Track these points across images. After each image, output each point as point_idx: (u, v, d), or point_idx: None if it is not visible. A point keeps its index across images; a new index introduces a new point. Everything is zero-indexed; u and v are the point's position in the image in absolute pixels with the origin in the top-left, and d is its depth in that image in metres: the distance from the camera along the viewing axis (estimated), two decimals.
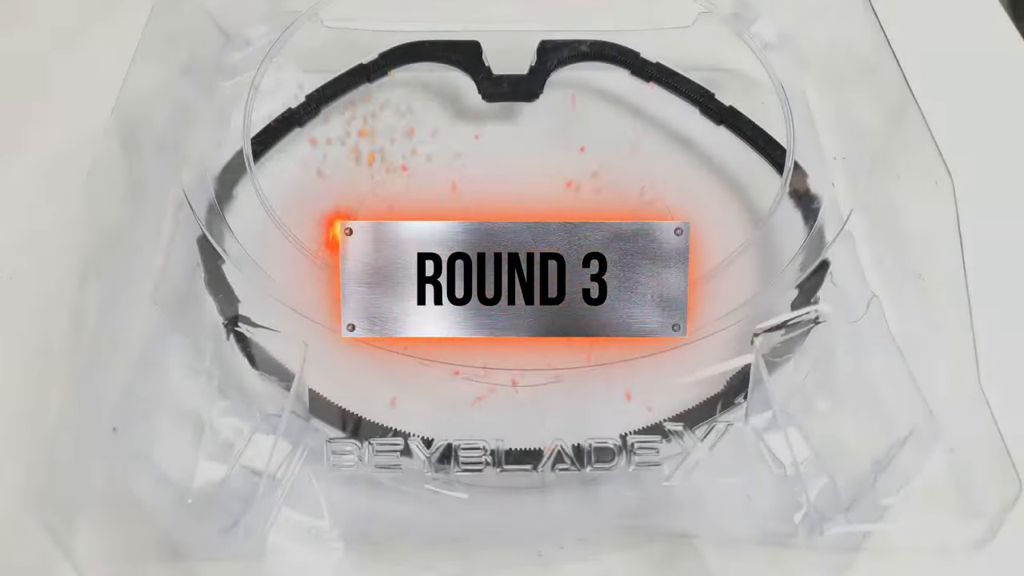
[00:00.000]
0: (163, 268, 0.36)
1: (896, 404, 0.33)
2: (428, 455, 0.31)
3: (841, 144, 0.41)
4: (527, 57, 0.45)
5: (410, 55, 0.45)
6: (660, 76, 0.45)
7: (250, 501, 0.30)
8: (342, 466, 0.31)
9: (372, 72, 0.45)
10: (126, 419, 0.31)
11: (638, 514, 0.32)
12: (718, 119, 0.45)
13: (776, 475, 0.31)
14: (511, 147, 0.46)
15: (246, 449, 0.32)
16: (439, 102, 0.47)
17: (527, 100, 0.45)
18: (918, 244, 0.36)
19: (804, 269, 0.36)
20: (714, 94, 0.45)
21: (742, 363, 0.34)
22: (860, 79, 0.41)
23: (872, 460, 0.31)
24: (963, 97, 0.49)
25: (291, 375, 0.33)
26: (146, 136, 0.38)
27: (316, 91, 0.45)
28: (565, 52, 0.45)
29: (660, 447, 0.31)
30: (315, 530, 0.31)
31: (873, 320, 0.34)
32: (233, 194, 0.40)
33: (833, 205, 0.38)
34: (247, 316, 0.34)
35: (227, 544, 0.30)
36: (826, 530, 0.30)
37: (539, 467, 0.31)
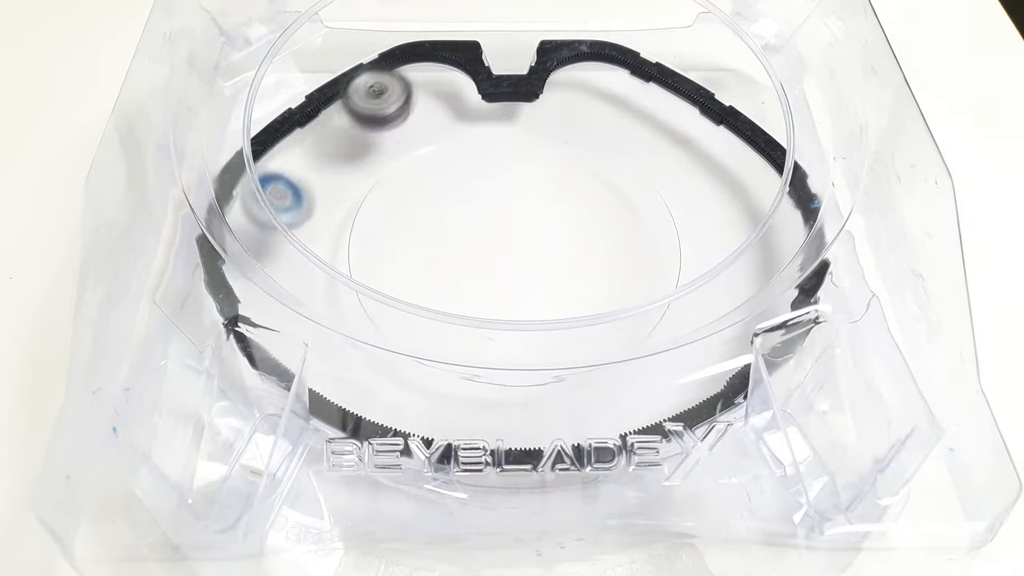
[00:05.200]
0: (163, 268, 0.36)
1: (896, 404, 0.32)
2: (428, 455, 0.31)
3: (841, 144, 0.41)
4: (527, 57, 0.45)
5: (410, 55, 0.45)
6: (660, 76, 0.45)
7: (250, 501, 0.30)
8: (342, 466, 0.31)
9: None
10: (126, 419, 0.31)
11: (638, 514, 0.32)
12: (718, 119, 0.45)
13: (776, 475, 0.31)
14: (511, 147, 0.46)
15: (246, 449, 0.32)
16: (439, 102, 0.47)
17: (527, 100, 0.45)
18: (918, 244, 0.36)
19: (804, 269, 0.36)
20: (714, 94, 0.45)
21: (742, 363, 0.34)
22: (860, 79, 0.41)
23: (872, 460, 0.31)
24: (963, 97, 0.49)
25: (291, 375, 0.33)
26: (146, 136, 0.38)
27: (316, 91, 0.45)
28: (565, 52, 0.45)
29: (660, 447, 0.31)
30: (315, 530, 0.31)
31: (873, 320, 0.34)
32: (233, 194, 0.40)
33: (833, 205, 0.38)
34: (247, 316, 0.34)
35: (227, 544, 0.30)
36: (826, 530, 0.30)
37: (539, 467, 0.31)
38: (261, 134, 0.43)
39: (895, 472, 0.31)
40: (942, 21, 0.55)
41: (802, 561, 0.31)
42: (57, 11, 0.54)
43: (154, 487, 0.30)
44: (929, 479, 0.31)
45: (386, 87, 0.43)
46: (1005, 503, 0.29)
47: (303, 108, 0.44)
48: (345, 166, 0.45)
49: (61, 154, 0.46)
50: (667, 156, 0.45)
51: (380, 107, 0.43)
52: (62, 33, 0.53)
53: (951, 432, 0.31)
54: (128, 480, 0.30)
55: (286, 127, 0.44)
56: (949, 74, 0.51)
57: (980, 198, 0.42)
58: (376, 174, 0.44)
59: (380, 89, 0.43)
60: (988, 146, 0.47)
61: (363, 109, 0.43)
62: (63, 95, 0.50)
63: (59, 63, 0.51)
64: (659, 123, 0.47)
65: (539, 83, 0.44)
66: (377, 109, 0.43)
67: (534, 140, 0.46)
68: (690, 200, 0.43)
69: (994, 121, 0.49)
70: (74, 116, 0.47)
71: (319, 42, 0.45)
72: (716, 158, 0.45)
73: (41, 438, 0.30)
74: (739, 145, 0.44)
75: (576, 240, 0.42)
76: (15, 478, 0.35)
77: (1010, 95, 0.51)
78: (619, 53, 0.45)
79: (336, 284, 0.38)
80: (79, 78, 0.50)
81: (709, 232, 0.42)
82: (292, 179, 0.43)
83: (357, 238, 0.41)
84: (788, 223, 0.39)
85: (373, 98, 0.43)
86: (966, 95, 0.50)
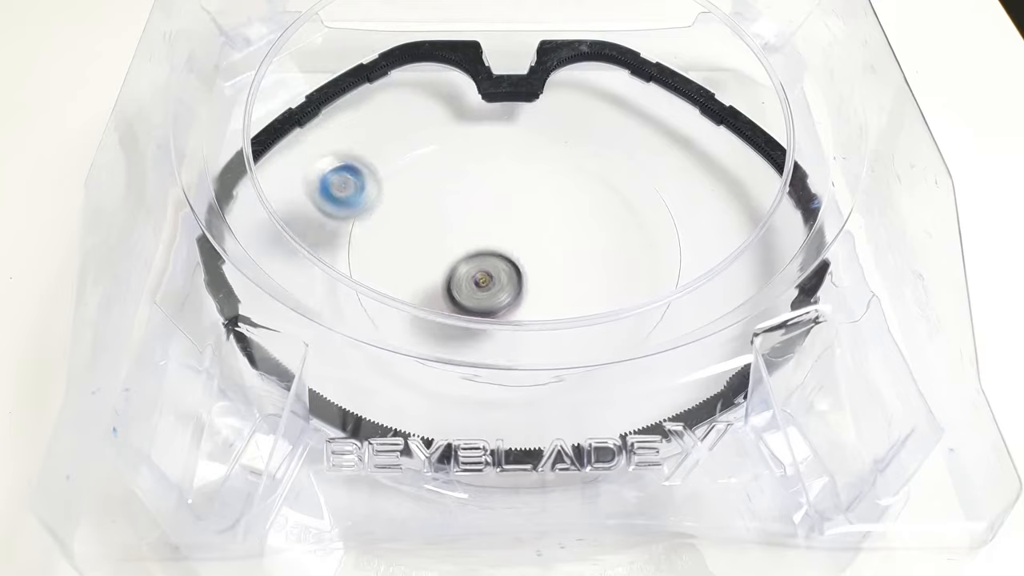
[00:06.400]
0: (163, 268, 0.36)
1: (896, 404, 0.32)
2: (428, 455, 0.31)
3: (841, 144, 0.41)
4: (527, 57, 0.45)
5: (410, 55, 0.45)
6: (660, 76, 0.45)
7: (250, 501, 0.30)
8: (342, 466, 0.31)
9: (372, 72, 0.45)
10: (126, 419, 0.31)
11: (638, 514, 0.32)
12: (718, 119, 0.45)
13: (776, 475, 0.31)
14: (511, 147, 0.46)
15: (246, 449, 0.32)
16: (439, 102, 0.47)
17: (527, 100, 0.45)
18: (918, 244, 0.36)
19: (804, 269, 0.36)
20: (714, 94, 0.45)
21: (742, 363, 0.34)
22: (860, 79, 0.41)
23: (872, 460, 0.31)
24: (963, 97, 0.49)
25: (291, 375, 0.33)
26: (146, 136, 0.38)
27: (316, 91, 0.45)
28: (565, 52, 0.45)
29: (660, 447, 0.31)
30: (315, 530, 0.31)
31: (873, 320, 0.34)
32: (233, 194, 0.40)
33: (833, 205, 0.38)
34: (247, 316, 0.34)
35: (227, 544, 0.30)
36: (826, 530, 0.30)
37: (539, 467, 0.31)
38: (261, 134, 0.43)
39: (895, 472, 0.31)
40: (942, 21, 0.55)
41: (802, 561, 0.31)
42: (57, 11, 0.54)
43: (154, 487, 0.30)
44: (929, 479, 0.31)
45: (489, 273, 0.37)
46: (1005, 503, 0.29)
47: (303, 108, 0.44)
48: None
49: (61, 154, 0.46)
50: (667, 156, 0.45)
51: (490, 300, 0.37)
52: (62, 33, 0.53)
53: (951, 432, 0.31)
54: (128, 480, 0.30)
55: (286, 127, 0.44)
56: (949, 74, 0.51)
57: (980, 198, 0.42)
58: (376, 174, 0.44)
59: (484, 278, 0.37)
60: (988, 146, 0.47)
61: (472, 306, 0.37)
62: (63, 95, 0.50)
63: (59, 63, 0.51)
64: (659, 123, 0.47)
65: (539, 83, 0.44)
66: (488, 304, 0.37)
67: (534, 140, 0.46)
68: (690, 200, 0.43)
69: (994, 121, 0.49)
70: (74, 116, 0.47)
71: (319, 42, 0.45)
72: (716, 158, 0.45)
73: (41, 438, 0.30)
74: (739, 145, 0.44)
75: (576, 240, 0.42)
76: (15, 478, 0.35)
77: (1010, 95, 0.51)
78: (619, 53, 0.45)
79: (336, 284, 0.38)
80: (79, 78, 0.50)
81: (709, 232, 0.42)
82: (356, 166, 0.40)
83: (357, 238, 0.41)
84: (788, 223, 0.39)
85: (480, 290, 0.37)
86: (966, 95, 0.50)
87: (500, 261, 0.38)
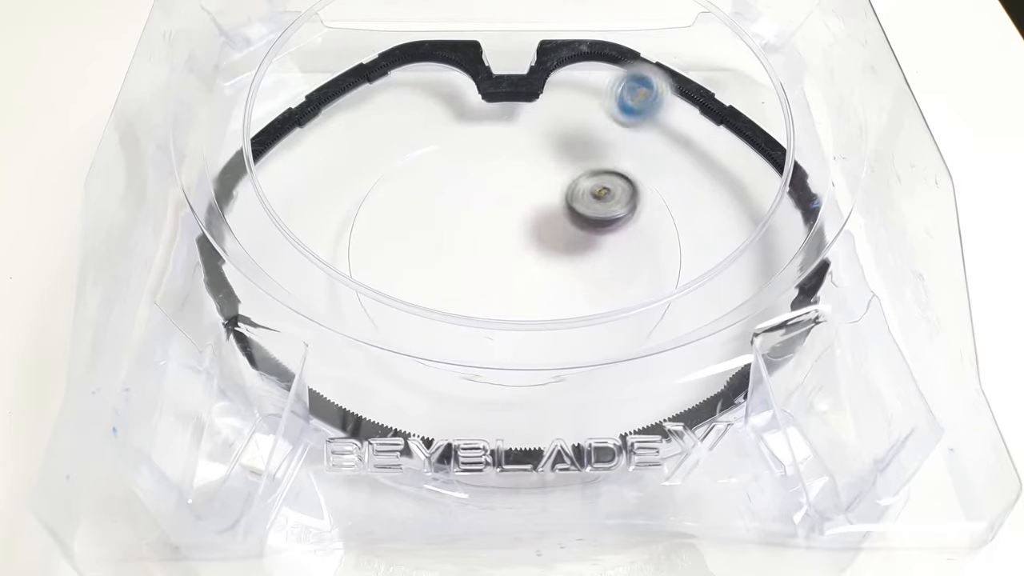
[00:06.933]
0: (163, 268, 0.36)
1: (896, 404, 0.32)
2: (428, 455, 0.31)
3: (841, 144, 0.41)
4: (527, 57, 0.45)
5: (410, 55, 0.45)
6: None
7: (250, 501, 0.30)
8: (342, 466, 0.31)
9: (372, 72, 0.45)
10: (126, 419, 0.31)
11: (638, 514, 0.32)
12: (718, 119, 0.45)
13: (776, 475, 0.31)
14: (511, 147, 0.46)
15: (246, 449, 0.32)
16: (439, 102, 0.47)
17: (527, 100, 0.45)
18: (918, 244, 0.36)
19: (804, 269, 0.36)
20: (714, 94, 0.45)
21: (742, 363, 0.34)
22: (860, 79, 0.41)
23: (872, 460, 0.31)
24: (963, 97, 0.49)
25: (291, 375, 0.33)
26: (146, 136, 0.38)
27: (316, 91, 0.45)
28: (565, 52, 0.45)
29: (660, 447, 0.31)
30: (315, 530, 0.31)
31: (873, 320, 0.34)
32: (233, 194, 0.40)
33: (833, 205, 0.38)
34: (247, 316, 0.34)
35: (227, 544, 0.30)
36: (826, 530, 0.30)
37: (539, 467, 0.31)
38: (261, 134, 0.43)
39: (895, 472, 0.31)
40: (942, 21, 0.55)
41: (802, 561, 0.31)
42: (57, 11, 0.54)
43: (154, 487, 0.30)
44: (929, 479, 0.31)
45: (609, 189, 0.40)
46: (1005, 503, 0.29)
47: (303, 108, 0.44)
48: (345, 166, 0.45)
49: (61, 154, 0.46)
50: (667, 156, 0.45)
51: (608, 210, 0.40)
52: (62, 33, 0.53)
53: (951, 432, 0.31)
54: (128, 480, 0.30)
55: (286, 127, 0.44)
56: (949, 74, 0.51)
57: (980, 198, 0.42)
58: (376, 174, 0.44)
59: (601, 191, 0.40)
60: (988, 146, 0.47)
61: (589, 214, 0.40)
62: (63, 95, 0.50)
63: (59, 63, 0.51)
64: (659, 123, 0.47)
65: (539, 83, 0.44)
66: (605, 212, 0.40)
67: (534, 140, 0.46)
68: (690, 200, 0.43)
69: (994, 121, 0.49)
70: (74, 116, 0.47)
71: (319, 42, 0.45)
72: (716, 158, 0.45)
73: (41, 438, 0.30)
74: (739, 145, 0.44)
75: (576, 240, 0.42)
76: (15, 478, 0.35)
77: (1010, 95, 0.51)
78: (619, 53, 0.45)
79: (336, 284, 0.38)
80: (79, 78, 0.50)
81: (709, 232, 0.42)
82: (642, 74, 0.42)
83: (357, 238, 0.41)
84: (788, 223, 0.39)
85: (598, 202, 0.40)
86: (966, 95, 0.50)
87: (618, 179, 0.40)
